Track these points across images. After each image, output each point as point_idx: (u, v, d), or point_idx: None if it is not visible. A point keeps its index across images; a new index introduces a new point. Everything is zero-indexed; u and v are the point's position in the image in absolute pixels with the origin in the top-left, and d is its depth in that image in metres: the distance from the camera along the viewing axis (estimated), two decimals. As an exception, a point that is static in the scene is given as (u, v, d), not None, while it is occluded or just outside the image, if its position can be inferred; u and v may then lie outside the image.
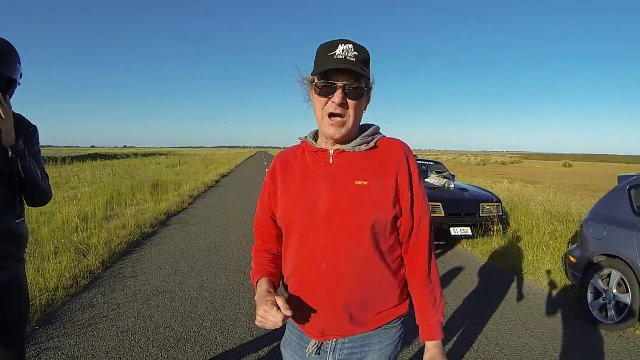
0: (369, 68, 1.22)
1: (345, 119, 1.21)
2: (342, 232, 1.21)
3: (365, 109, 1.28)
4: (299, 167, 1.33)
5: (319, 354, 1.34)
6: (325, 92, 1.20)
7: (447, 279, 5.16)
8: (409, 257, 1.33)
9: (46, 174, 1.83)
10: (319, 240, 1.23)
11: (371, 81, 1.25)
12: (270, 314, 1.12)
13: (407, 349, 3.24)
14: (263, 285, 1.28)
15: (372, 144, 1.28)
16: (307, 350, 1.35)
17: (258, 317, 1.16)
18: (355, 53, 1.18)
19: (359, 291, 1.25)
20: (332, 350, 1.32)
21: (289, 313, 1.12)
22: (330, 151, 1.28)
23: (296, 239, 1.30)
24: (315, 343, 1.33)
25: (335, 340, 1.31)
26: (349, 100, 1.19)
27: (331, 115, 1.20)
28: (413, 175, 1.27)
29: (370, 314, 1.28)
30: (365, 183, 1.23)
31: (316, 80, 1.21)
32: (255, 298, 1.23)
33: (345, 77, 1.17)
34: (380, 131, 1.36)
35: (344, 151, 1.27)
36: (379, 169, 1.25)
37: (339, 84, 1.18)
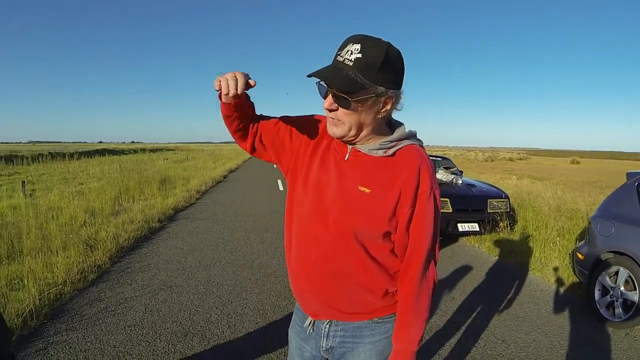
0: (379, 72, 1.07)
1: (340, 121, 1.15)
2: (332, 229, 1.21)
3: (380, 115, 1.17)
4: (324, 148, 1.30)
5: (313, 330, 1.39)
6: (324, 93, 1.15)
7: (454, 275, 5.15)
8: (400, 274, 1.26)
9: None
10: (314, 230, 1.25)
11: (377, 88, 1.09)
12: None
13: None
14: None
15: (390, 151, 1.20)
16: (305, 325, 1.40)
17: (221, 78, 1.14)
18: (358, 55, 1.05)
19: (347, 288, 1.26)
20: (325, 336, 1.35)
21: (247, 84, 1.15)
22: (348, 147, 1.24)
23: (300, 221, 1.31)
24: (311, 321, 1.38)
25: (328, 323, 1.34)
26: (339, 107, 1.12)
27: (328, 115, 1.19)
28: (420, 195, 1.18)
29: (359, 309, 1.29)
30: (367, 190, 1.18)
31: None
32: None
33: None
34: (416, 136, 1.29)
35: (359, 151, 1.23)
36: (386, 180, 1.18)
37: (329, 89, 1.12)
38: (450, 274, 5.18)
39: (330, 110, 1.15)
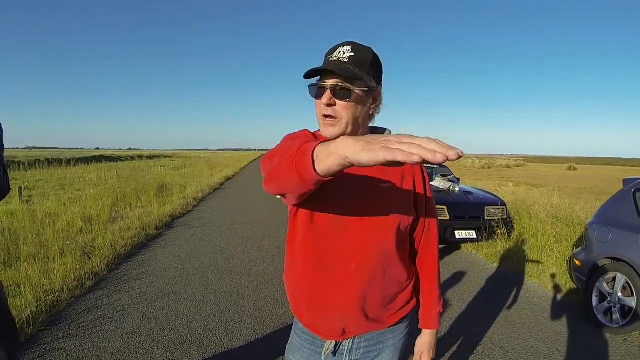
0: (369, 68, 1.17)
1: (337, 119, 1.17)
2: (371, 232, 1.22)
3: (371, 111, 1.24)
4: None
5: (334, 354, 1.31)
6: (318, 94, 1.18)
7: (452, 282, 5.16)
8: (420, 256, 1.43)
9: (5, 169, 1.76)
10: (349, 240, 1.22)
11: (370, 81, 1.18)
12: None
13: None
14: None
15: None
16: (322, 354, 1.30)
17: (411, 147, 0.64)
18: (351, 54, 1.15)
19: (383, 291, 1.28)
20: (348, 351, 1.32)
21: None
22: None
23: (327, 236, 1.23)
24: (331, 343, 1.29)
25: (352, 339, 1.31)
26: (337, 101, 1.15)
27: (324, 116, 1.18)
28: (425, 179, 1.36)
29: (390, 312, 1.33)
30: (389, 185, 1.26)
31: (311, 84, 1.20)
32: (355, 144, 0.71)
33: (333, 78, 1.15)
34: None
35: None
36: (398, 172, 1.29)
37: (327, 85, 1.15)
38: (448, 281, 5.17)
39: (328, 106, 1.16)
